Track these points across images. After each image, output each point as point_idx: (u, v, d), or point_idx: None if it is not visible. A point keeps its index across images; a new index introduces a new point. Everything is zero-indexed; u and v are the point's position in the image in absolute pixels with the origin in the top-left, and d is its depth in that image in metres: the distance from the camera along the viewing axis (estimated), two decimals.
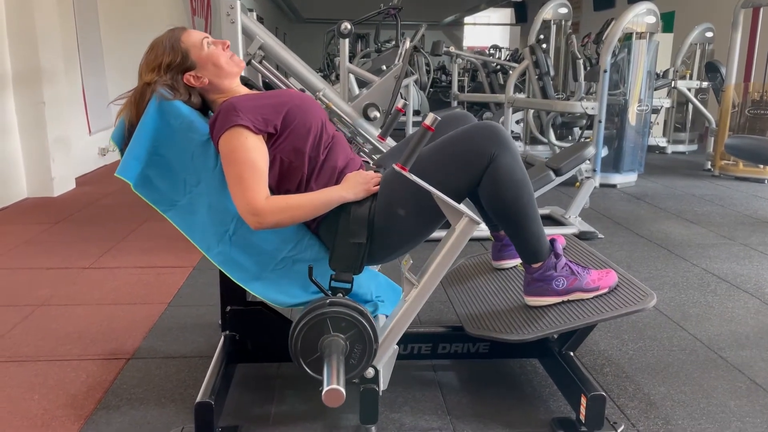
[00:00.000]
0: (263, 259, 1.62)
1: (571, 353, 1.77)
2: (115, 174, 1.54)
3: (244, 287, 1.62)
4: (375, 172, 1.67)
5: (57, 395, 1.81)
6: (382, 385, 1.60)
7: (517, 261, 2.01)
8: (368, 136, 3.26)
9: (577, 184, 3.81)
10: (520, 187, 1.58)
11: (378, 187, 1.60)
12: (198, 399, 1.52)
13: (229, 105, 1.53)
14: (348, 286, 1.54)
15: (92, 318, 2.37)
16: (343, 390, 1.32)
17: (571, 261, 1.74)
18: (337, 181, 1.61)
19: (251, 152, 1.51)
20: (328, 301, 1.48)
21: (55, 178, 4.51)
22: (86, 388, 1.85)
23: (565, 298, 1.70)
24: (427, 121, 1.43)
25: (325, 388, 1.32)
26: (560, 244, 1.73)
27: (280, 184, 1.60)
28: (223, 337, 1.83)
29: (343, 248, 1.56)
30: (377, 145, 3.19)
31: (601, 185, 4.96)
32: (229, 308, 1.82)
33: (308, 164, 1.60)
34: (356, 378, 1.53)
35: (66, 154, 4.67)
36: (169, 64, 1.59)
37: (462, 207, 1.50)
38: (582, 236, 3.50)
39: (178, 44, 1.60)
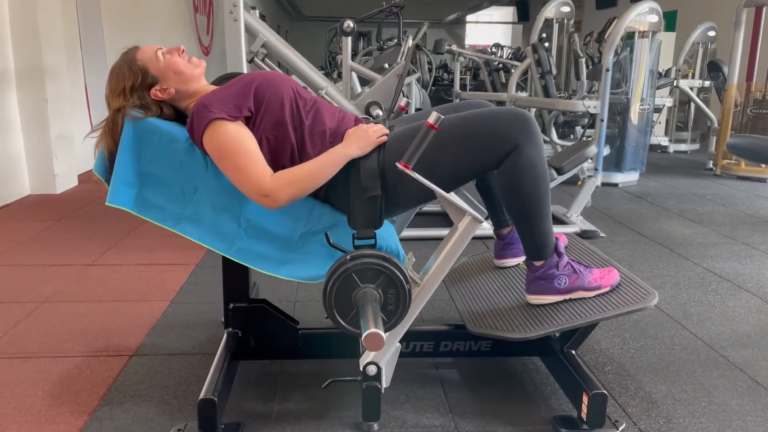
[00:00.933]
0: (283, 243, 1.61)
1: (573, 351, 1.78)
2: (106, 203, 1.54)
3: (274, 275, 1.60)
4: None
5: (60, 391, 1.82)
6: (385, 382, 1.61)
7: (519, 260, 2.02)
8: None
9: (579, 183, 3.81)
10: (537, 180, 1.58)
11: (383, 138, 1.59)
12: (201, 396, 1.53)
13: (199, 105, 1.52)
14: (372, 241, 1.53)
15: (95, 315, 2.38)
16: (382, 333, 1.30)
17: (573, 260, 1.75)
18: (334, 143, 1.59)
19: (237, 139, 1.50)
20: (348, 256, 1.46)
21: (57, 175, 4.52)
22: (90, 385, 1.86)
23: (567, 297, 1.71)
24: (431, 120, 1.42)
25: (364, 334, 1.30)
26: (562, 243, 1.74)
27: (275, 162, 1.57)
28: (225, 335, 1.84)
29: (360, 205, 1.55)
30: None
31: (603, 184, 4.97)
32: (231, 305, 1.83)
33: (294, 133, 1.58)
34: (399, 323, 1.50)
35: (68, 152, 4.68)
36: (131, 85, 1.59)
37: (465, 206, 1.51)
38: (584, 235, 3.50)
39: (135, 64, 1.60)
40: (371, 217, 1.55)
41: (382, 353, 1.56)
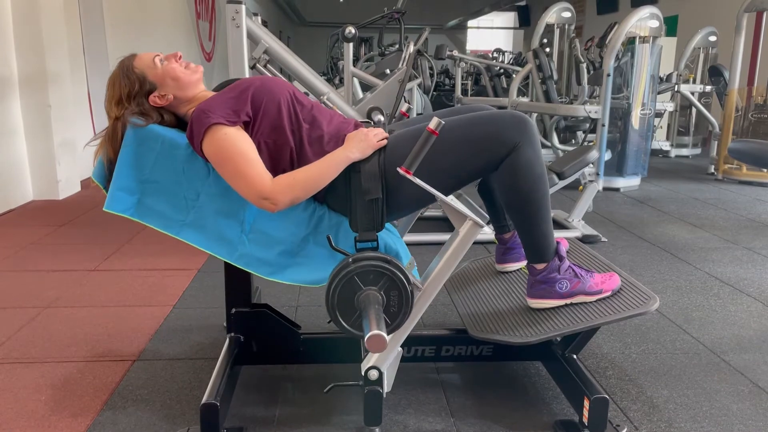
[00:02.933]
0: (285, 248, 1.62)
1: (574, 356, 1.78)
2: (104, 209, 1.55)
3: (277, 280, 1.61)
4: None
5: (63, 396, 1.83)
6: (386, 387, 1.61)
7: (521, 264, 2.02)
8: None
9: (581, 187, 3.82)
10: (536, 181, 1.59)
11: (383, 141, 1.60)
12: (204, 400, 1.53)
13: (198, 111, 1.53)
14: (374, 244, 1.54)
15: (98, 320, 2.39)
16: (385, 334, 1.31)
17: (574, 264, 1.75)
18: (334, 146, 1.59)
19: (236, 144, 1.51)
20: (350, 259, 1.47)
21: (60, 180, 4.54)
22: (92, 389, 1.86)
23: (568, 301, 1.71)
24: (432, 125, 1.43)
25: (366, 336, 1.31)
26: (564, 247, 1.74)
27: (274, 167, 1.58)
28: (228, 339, 1.85)
29: (361, 208, 1.55)
30: None
31: (605, 189, 4.97)
32: (234, 310, 1.83)
33: (292, 137, 1.58)
34: (402, 324, 1.51)
35: (71, 157, 4.70)
36: (129, 93, 1.59)
37: (467, 210, 1.52)
38: (585, 240, 3.51)
39: (132, 71, 1.61)
40: (372, 220, 1.55)
41: (383, 357, 1.57)
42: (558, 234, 3.38)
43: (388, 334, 1.37)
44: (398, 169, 1.46)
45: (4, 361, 2.04)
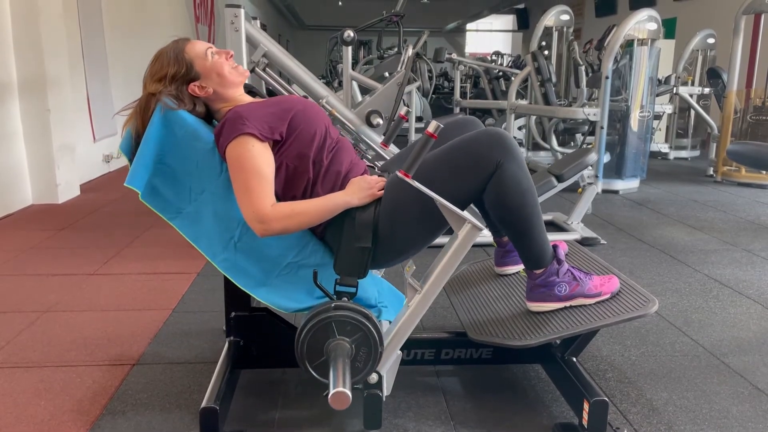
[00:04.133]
0: (268, 266, 1.63)
1: (574, 359, 1.78)
2: (124, 184, 1.56)
3: (249, 293, 1.63)
4: (379, 176, 1.69)
5: (63, 401, 1.82)
6: (386, 390, 1.61)
7: (520, 267, 2.02)
8: (371, 143, 3.28)
9: (580, 190, 3.82)
10: (525, 195, 1.59)
11: (382, 192, 1.62)
12: (203, 404, 1.53)
13: (236, 114, 1.54)
14: (353, 290, 1.56)
15: (97, 324, 2.38)
16: (349, 392, 1.33)
17: (573, 267, 1.75)
18: (342, 185, 1.63)
19: (258, 160, 1.53)
20: (333, 305, 1.49)
21: (60, 184, 4.54)
22: (92, 394, 1.86)
23: (567, 304, 1.71)
24: (430, 129, 1.44)
25: (332, 391, 1.33)
26: (562, 250, 1.74)
27: (286, 190, 1.61)
28: (227, 343, 1.85)
29: (348, 253, 1.57)
30: (380, 152, 3.21)
31: (604, 191, 4.97)
32: (233, 314, 1.83)
33: (313, 169, 1.61)
34: (361, 382, 1.54)
35: (71, 161, 4.70)
36: (173, 74, 1.61)
37: (465, 213, 1.52)
38: (584, 242, 3.51)
39: (183, 55, 1.62)
40: (357, 267, 1.57)
41: (383, 362, 1.57)
42: (557, 237, 3.39)
43: (348, 388, 1.40)
44: (397, 172, 1.47)
45: (4, 366, 2.04)
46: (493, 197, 1.59)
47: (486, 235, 1.93)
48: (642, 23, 4.86)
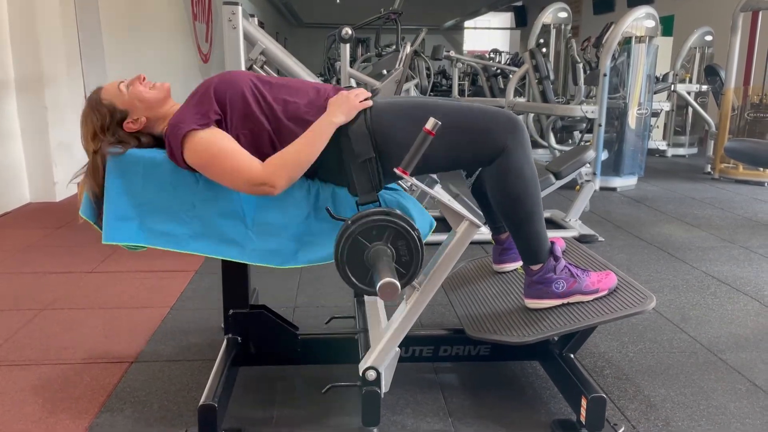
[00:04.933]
0: (290, 232, 1.62)
1: (572, 355, 1.78)
2: (103, 242, 1.57)
3: (293, 266, 1.61)
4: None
5: (61, 398, 1.82)
6: (384, 387, 1.61)
7: (518, 264, 2.02)
8: None
9: (577, 187, 3.82)
10: (527, 184, 1.60)
11: (367, 102, 1.59)
12: (201, 401, 1.53)
13: (170, 126, 1.55)
14: (376, 205, 1.53)
15: (95, 322, 2.38)
16: (396, 281, 1.29)
17: (570, 263, 1.75)
18: (317, 115, 1.58)
19: (215, 143, 1.52)
20: (349, 221, 1.45)
21: (57, 183, 4.53)
22: (90, 391, 1.86)
23: (564, 301, 1.71)
24: (428, 126, 1.43)
25: (378, 284, 1.30)
26: (560, 247, 1.75)
27: (258, 154, 1.57)
28: (225, 341, 1.85)
29: (356, 171, 1.55)
30: None
31: (602, 188, 4.98)
32: (231, 311, 1.83)
33: (267, 121, 1.58)
34: (416, 273, 1.48)
35: (68, 159, 4.69)
36: (102, 125, 1.61)
37: (464, 211, 1.52)
38: (582, 239, 3.52)
39: (101, 104, 1.63)
40: (370, 180, 1.55)
41: (381, 358, 1.57)
42: (555, 234, 3.39)
43: (405, 284, 1.38)
44: (395, 169, 1.47)
45: (1, 364, 2.04)
46: (495, 181, 1.60)
47: (485, 233, 1.94)
48: (639, 20, 4.87)
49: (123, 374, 1.97)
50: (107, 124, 1.61)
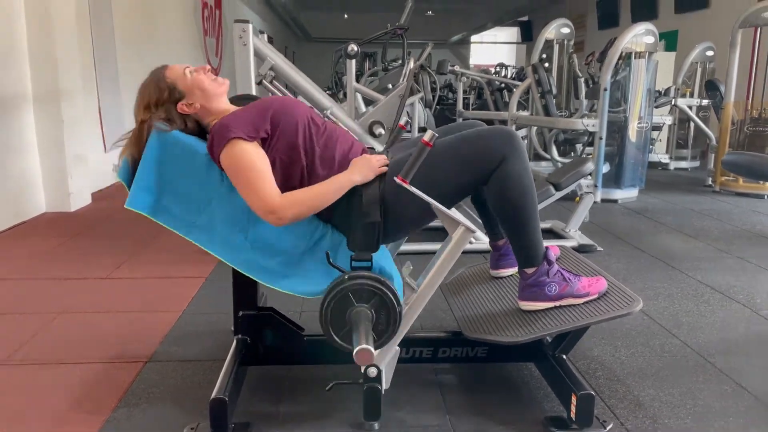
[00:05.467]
0: (285, 258, 1.73)
1: (564, 356, 1.87)
2: (125, 206, 1.67)
3: (274, 287, 1.71)
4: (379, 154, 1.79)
5: (80, 394, 1.93)
6: (385, 384, 1.71)
7: (514, 270, 2.12)
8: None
9: (577, 199, 3.91)
10: (525, 191, 1.71)
11: (385, 168, 1.72)
12: (212, 395, 1.63)
13: (220, 125, 1.66)
14: (368, 264, 1.64)
15: (110, 325, 2.49)
16: (371, 348, 1.42)
17: (563, 268, 1.85)
18: (340, 169, 1.72)
19: (251, 158, 1.63)
20: (346, 276, 1.58)
21: (72, 193, 4.66)
22: (107, 388, 1.96)
23: (557, 303, 1.81)
24: (426, 138, 1.54)
25: (355, 349, 1.43)
26: (553, 253, 1.85)
27: (285, 182, 1.70)
28: (235, 341, 1.95)
29: (359, 229, 1.67)
30: None
31: (603, 200, 5.06)
32: (241, 313, 1.93)
33: (305, 156, 1.71)
34: (386, 343, 1.62)
35: (83, 171, 4.83)
36: (157, 100, 1.73)
37: (459, 216, 1.62)
38: (581, 249, 3.60)
39: (163, 80, 1.75)
40: (369, 242, 1.67)
41: (382, 356, 1.67)
42: (555, 243, 3.48)
43: (375, 350, 1.49)
44: (395, 178, 1.58)
45: (23, 363, 2.15)
46: (495, 189, 1.70)
47: (483, 241, 2.04)
48: (639, 36, 4.97)
49: (138, 373, 2.07)
50: (163, 100, 1.73)
